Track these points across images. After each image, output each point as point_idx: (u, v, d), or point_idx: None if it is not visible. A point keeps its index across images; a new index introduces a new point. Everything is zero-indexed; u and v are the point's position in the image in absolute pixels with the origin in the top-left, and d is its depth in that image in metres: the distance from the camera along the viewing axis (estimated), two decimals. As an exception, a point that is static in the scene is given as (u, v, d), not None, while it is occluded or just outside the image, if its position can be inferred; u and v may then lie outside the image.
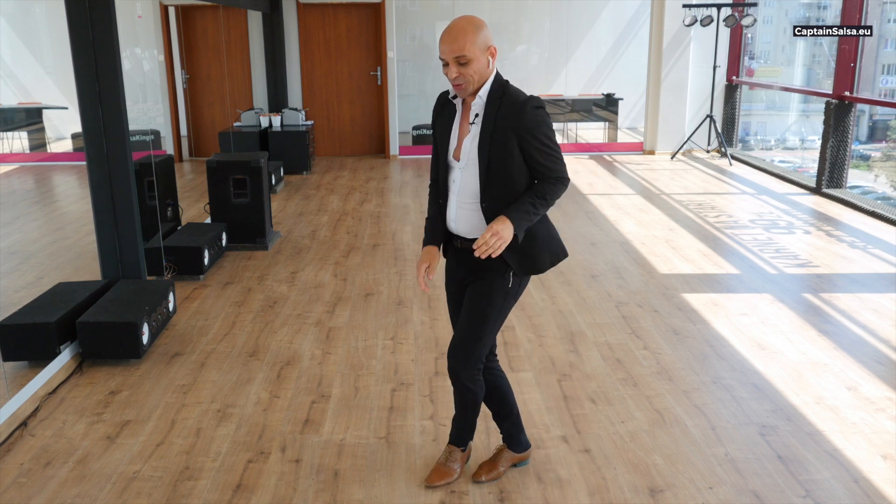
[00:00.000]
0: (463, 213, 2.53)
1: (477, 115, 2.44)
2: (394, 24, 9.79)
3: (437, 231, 2.65)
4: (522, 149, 2.43)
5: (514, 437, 2.86)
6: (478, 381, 2.66)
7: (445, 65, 2.37)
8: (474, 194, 2.49)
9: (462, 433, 2.83)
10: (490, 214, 2.47)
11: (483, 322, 2.56)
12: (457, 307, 2.72)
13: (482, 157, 2.44)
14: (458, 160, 2.50)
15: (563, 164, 2.47)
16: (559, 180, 2.46)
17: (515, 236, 2.41)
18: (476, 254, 2.37)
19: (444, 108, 2.58)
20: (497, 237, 2.36)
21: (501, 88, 2.43)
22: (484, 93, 2.42)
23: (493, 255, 2.38)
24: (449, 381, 3.54)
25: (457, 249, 2.63)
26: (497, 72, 2.46)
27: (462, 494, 2.75)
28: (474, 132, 2.45)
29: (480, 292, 2.57)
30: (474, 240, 2.52)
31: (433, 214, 2.67)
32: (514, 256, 2.50)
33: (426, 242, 2.66)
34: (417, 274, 2.62)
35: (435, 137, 2.63)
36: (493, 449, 2.98)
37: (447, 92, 2.58)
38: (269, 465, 2.95)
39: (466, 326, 2.59)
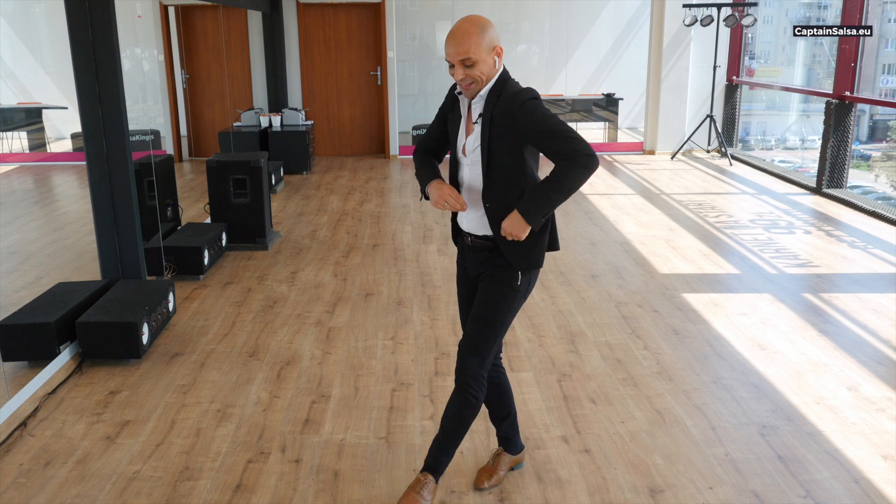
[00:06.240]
0: (471, 210, 2.53)
1: (480, 115, 2.44)
2: (394, 24, 9.79)
3: (433, 167, 2.59)
4: (533, 145, 2.41)
5: (511, 438, 2.84)
6: (482, 386, 2.53)
7: (452, 66, 2.36)
8: (480, 192, 2.49)
9: (442, 457, 2.61)
10: (493, 215, 2.46)
11: (494, 321, 2.51)
12: (467, 306, 2.69)
13: (483, 155, 2.44)
14: (465, 156, 2.52)
15: (581, 141, 2.30)
16: (578, 159, 2.28)
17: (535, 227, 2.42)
18: (503, 233, 2.40)
19: (455, 103, 2.56)
20: (511, 236, 2.39)
21: (500, 86, 2.40)
22: (485, 92, 2.41)
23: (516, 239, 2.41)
24: (449, 381, 3.58)
25: (466, 247, 2.61)
26: (503, 68, 2.43)
27: (462, 494, 2.75)
28: (477, 131, 2.45)
29: (491, 290, 2.53)
30: (483, 237, 2.52)
31: (425, 159, 2.61)
32: (517, 253, 2.48)
33: (431, 178, 2.53)
34: (447, 198, 2.43)
35: (438, 122, 2.62)
36: (491, 451, 2.98)
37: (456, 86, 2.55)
38: (269, 465, 2.95)
39: (478, 325, 2.54)
